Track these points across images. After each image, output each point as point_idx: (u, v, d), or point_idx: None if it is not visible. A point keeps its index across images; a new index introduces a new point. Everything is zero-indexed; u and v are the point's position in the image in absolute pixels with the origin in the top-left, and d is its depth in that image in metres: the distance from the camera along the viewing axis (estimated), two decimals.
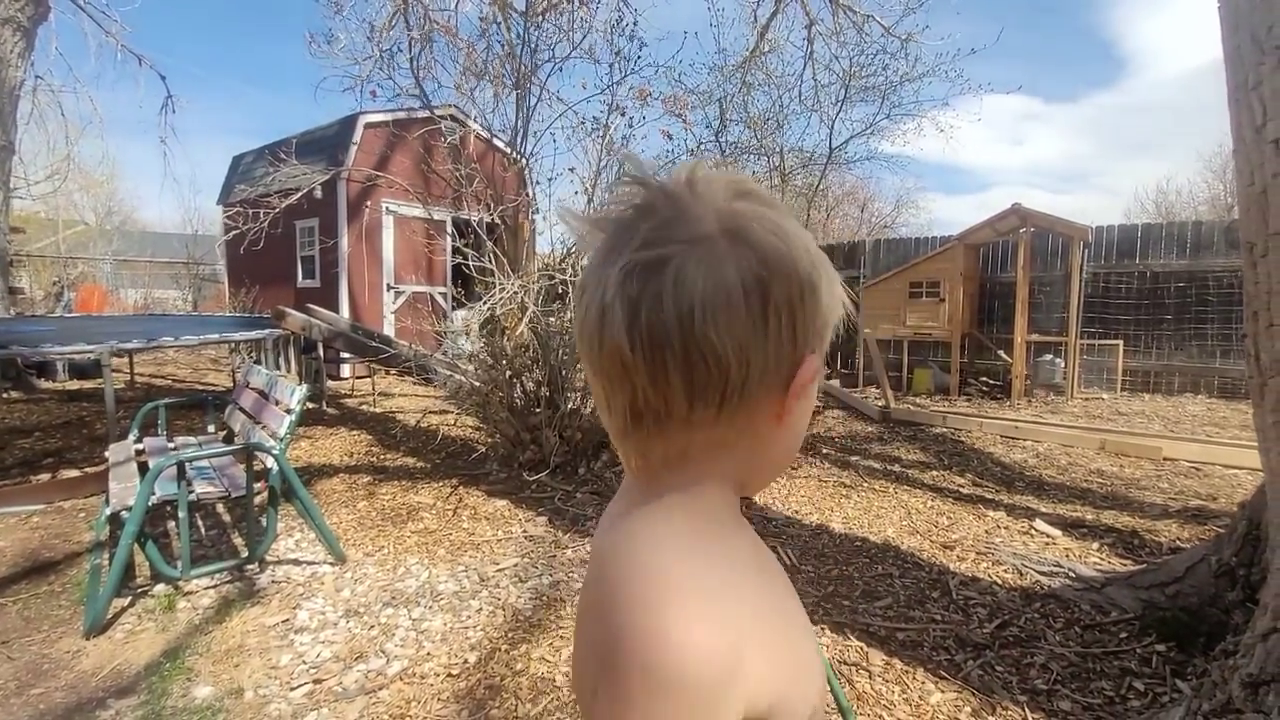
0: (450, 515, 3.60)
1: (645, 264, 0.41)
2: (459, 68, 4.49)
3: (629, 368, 0.42)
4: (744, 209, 0.43)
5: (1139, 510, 3.69)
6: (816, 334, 0.45)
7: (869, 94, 10.12)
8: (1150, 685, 2.01)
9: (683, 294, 0.40)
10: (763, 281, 0.41)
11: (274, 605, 2.62)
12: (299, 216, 7.87)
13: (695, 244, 0.41)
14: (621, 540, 0.45)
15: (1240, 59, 1.72)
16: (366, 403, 6.82)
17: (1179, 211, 21.99)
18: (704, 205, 0.43)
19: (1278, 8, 1.56)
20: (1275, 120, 1.60)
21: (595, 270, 0.44)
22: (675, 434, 0.45)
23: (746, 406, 0.44)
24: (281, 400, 3.12)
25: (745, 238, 0.42)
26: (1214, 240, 7.36)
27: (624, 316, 0.41)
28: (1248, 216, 1.77)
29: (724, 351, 0.41)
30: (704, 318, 0.40)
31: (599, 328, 0.43)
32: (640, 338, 0.41)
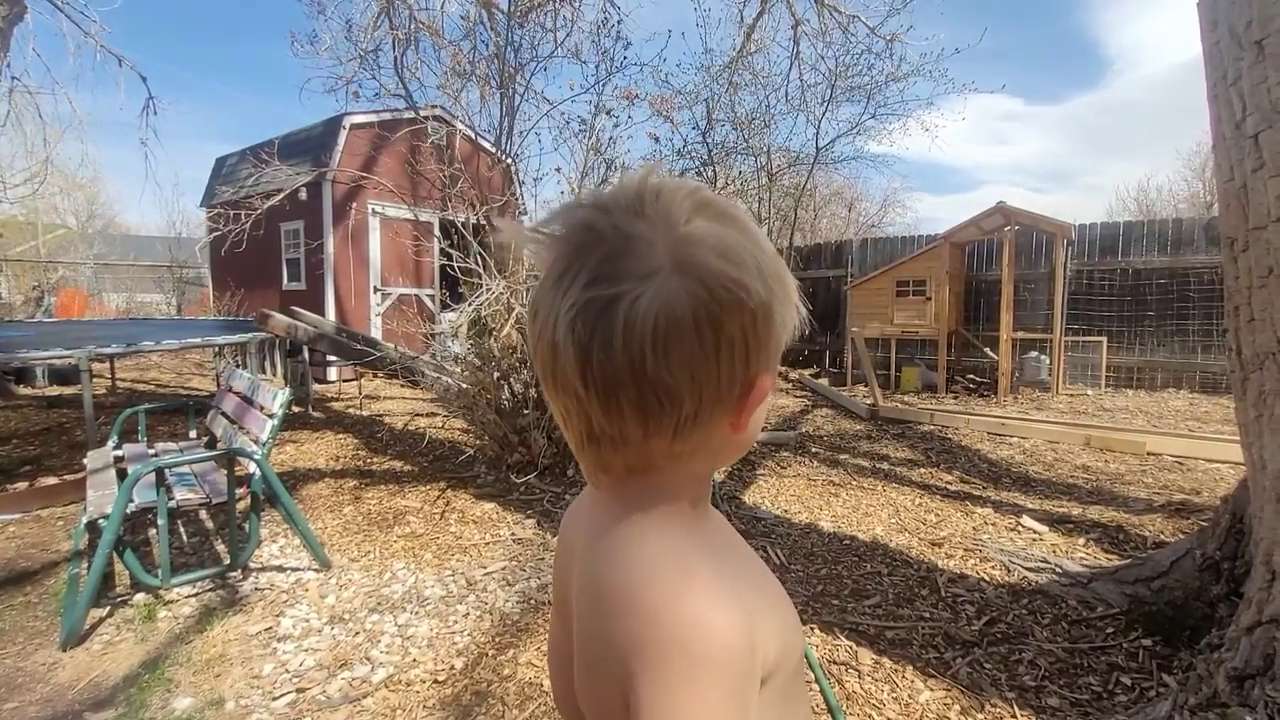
0: (438, 519, 3.56)
1: (594, 304, 0.40)
2: (444, 68, 4.46)
3: (583, 402, 0.43)
4: (697, 232, 0.42)
5: (1124, 505, 3.72)
6: (771, 353, 0.45)
7: (855, 94, 10.17)
8: (1137, 680, 2.02)
9: (633, 337, 0.40)
10: (714, 316, 0.41)
11: (257, 613, 2.58)
12: (283, 219, 7.80)
13: (644, 280, 0.40)
14: (616, 556, 0.45)
15: (1219, 55, 1.73)
16: (353, 406, 6.76)
17: (1159, 209, 22.29)
18: (654, 231, 0.41)
19: (1256, 3, 1.58)
20: (1254, 115, 1.61)
21: (545, 296, 0.43)
22: (633, 452, 0.45)
23: (700, 429, 0.44)
24: (264, 404, 3.07)
25: (695, 269, 0.41)
26: (1194, 237, 7.46)
27: (576, 359, 0.41)
28: (1228, 211, 1.78)
29: (676, 387, 0.41)
30: (655, 358, 0.40)
31: (552, 361, 0.43)
32: (593, 379, 0.41)
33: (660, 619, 0.40)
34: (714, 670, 0.39)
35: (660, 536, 0.45)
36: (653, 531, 0.45)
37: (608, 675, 0.42)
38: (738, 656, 0.40)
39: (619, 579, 0.43)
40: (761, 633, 0.43)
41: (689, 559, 0.43)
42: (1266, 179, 1.59)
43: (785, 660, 0.47)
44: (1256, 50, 1.58)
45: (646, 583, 0.42)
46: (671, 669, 0.38)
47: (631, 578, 0.43)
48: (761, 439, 5.30)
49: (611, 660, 0.42)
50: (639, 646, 0.40)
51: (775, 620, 0.47)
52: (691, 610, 0.40)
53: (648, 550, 0.44)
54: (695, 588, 0.41)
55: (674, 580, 0.41)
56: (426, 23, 4.85)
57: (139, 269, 18.10)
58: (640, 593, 0.41)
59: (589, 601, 0.46)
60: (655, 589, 0.41)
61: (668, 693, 0.38)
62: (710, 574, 0.42)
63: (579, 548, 0.52)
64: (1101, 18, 41.74)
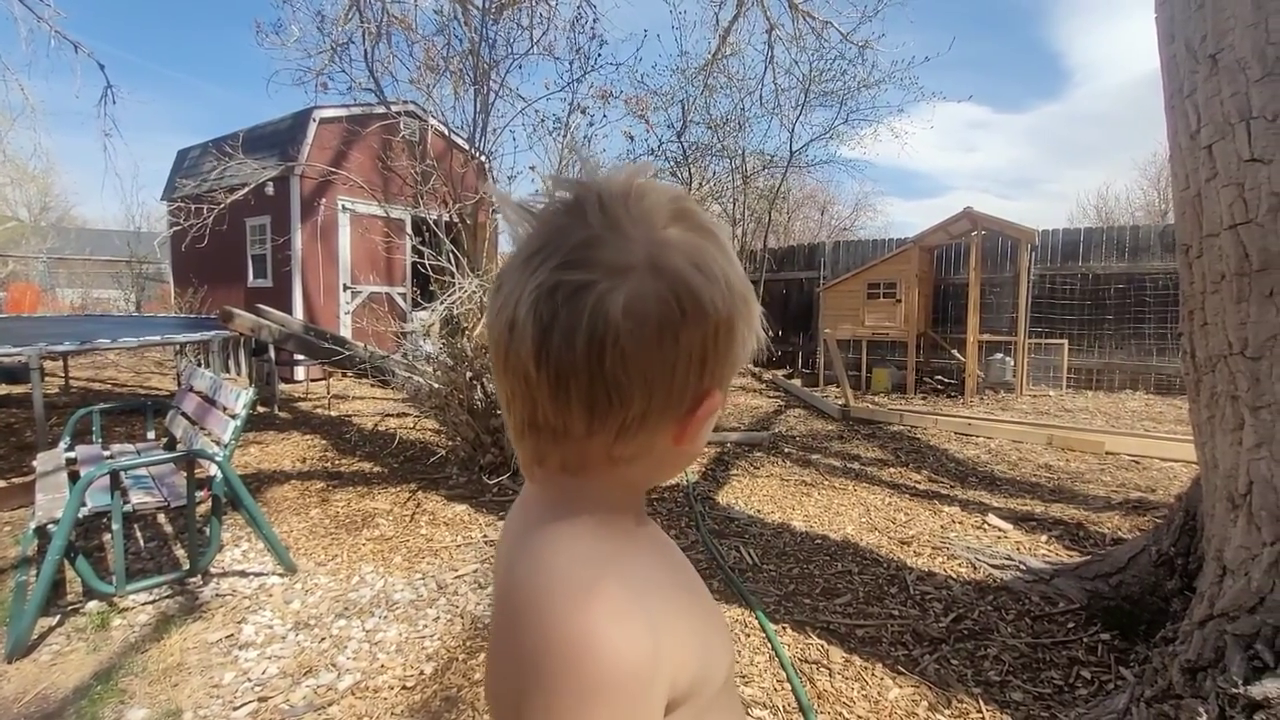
0: (408, 521, 3.50)
1: (561, 288, 0.40)
2: (417, 63, 4.39)
3: (531, 385, 0.42)
4: (674, 238, 0.42)
5: (1084, 503, 3.84)
6: (725, 373, 0.45)
7: (828, 99, 10.31)
8: (1096, 673, 2.08)
9: (595, 328, 0.39)
10: (679, 322, 0.41)
11: (217, 620, 2.50)
12: (249, 214, 7.59)
13: (617, 274, 0.40)
14: (529, 555, 0.45)
15: (1176, 67, 1.79)
16: (321, 406, 6.61)
17: (1118, 216, 23.07)
18: (634, 229, 0.41)
19: (1211, 18, 1.63)
20: (1208, 126, 1.66)
21: (513, 273, 0.42)
22: (571, 447, 0.45)
23: (644, 434, 0.44)
24: (226, 404, 2.98)
25: (667, 273, 0.41)
26: (1151, 244, 7.74)
27: (533, 339, 0.40)
28: (1183, 219, 1.84)
29: (628, 387, 0.41)
30: (613, 354, 0.40)
31: (507, 339, 0.42)
32: (547, 363, 0.40)
33: (553, 635, 0.39)
34: (605, 694, 0.37)
35: (577, 544, 0.44)
36: (571, 538, 0.45)
37: (505, 683, 0.42)
38: (634, 680, 0.38)
39: (527, 586, 0.43)
40: (671, 654, 0.42)
41: (601, 571, 0.42)
42: (1219, 188, 1.64)
43: (704, 683, 0.46)
44: (1210, 64, 1.64)
45: (550, 594, 0.41)
46: (559, 690, 0.37)
47: (538, 586, 0.42)
48: (735, 439, 5.33)
49: (508, 671, 0.41)
50: (531, 661, 0.39)
51: (694, 640, 0.46)
52: (587, 628, 0.38)
53: (560, 559, 0.43)
54: (598, 603, 0.40)
55: (579, 594, 0.40)
56: (399, 17, 4.77)
57: (95, 264, 17.48)
58: (542, 604, 0.40)
59: (499, 604, 0.46)
60: (557, 602, 0.40)
61: (551, 715, 0.37)
62: (619, 589, 0.41)
63: (508, 542, 0.52)
64: (1062, 30, 43.07)
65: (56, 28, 7.57)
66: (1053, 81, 43.61)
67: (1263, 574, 1.59)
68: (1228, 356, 1.68)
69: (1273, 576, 1.56)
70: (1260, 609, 1.57)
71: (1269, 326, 1.56)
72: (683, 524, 3.44)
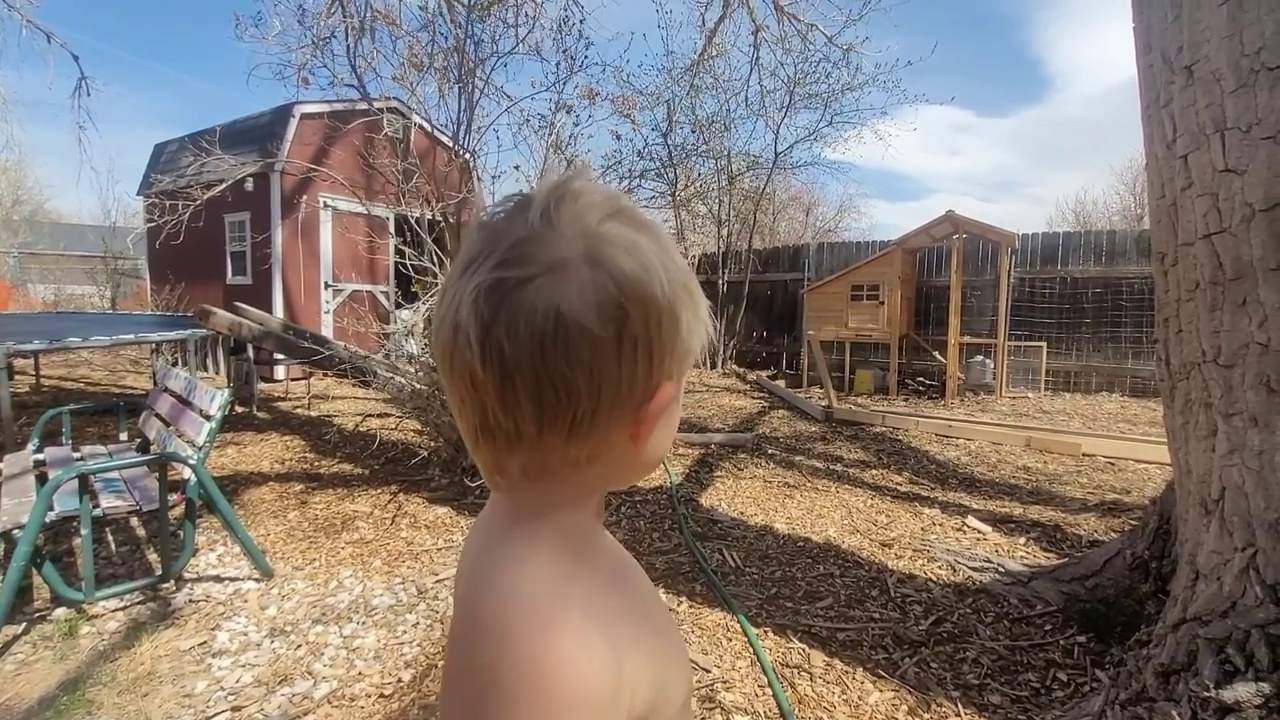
0: (388, 524, 3.46)
1: (501, 285, 0.40)
2: (401, 59, 4.33)
3: (479, 388, 0.42)
4: (610, 232, 0.42)
5: (1061, 504, 3.89)
6: (675, 362, 0.45)
7: (813, 101, 10.36)
8: (1073, 676, 2.10)
9: (535, 321, 0.39)
10: (620, 310, 0.41)
11: (190, 627, 2.45)
12: (228, 210, 7.46)
13: (554, 268, 0.40)
14: (491, 574, 0.44)
15: (1153, 77, 1.81)
16: (301, 406, 6.51)
17: (1095, 220, 23.48)
18: (570, 225, 0.41)
19: (1187, 29, 1.65)
20: (1184, 136, 1.69)
21: (454, 280, 0.43)
22: (528, 452, 0.44)
23: (597, 431, 0.43)
24: (201, 405, 2.92)
25: (605, 264, 0.41)
26: (1127, 248, 7.88)
27: (476, 338, 0.40)
28: (1159, 227, 1.87)
29: (574, 381, 0.41)
30: (556, 347, 0.40)
31: (451, 343, 0.42)
32: (491, 362, 0.40)
33: (520, 657, 0.39)
34: (569, 716, 0.38)
35: (536, 563, 0.44)
36: (533, 555, 0.45)
37: (461, 698, 0.41)
38: (595, 704, 0.39)
39: (490, 603, 0.42)
40: (632, 676, 0.43)
41: (565, 592, 0.43)
42: (1194, 198, 1.67)
43: (662, 704, 0.47)
44: (1187, 75, 1.66)
45: (516, 614, 0.41)
46: (524, 710, 0.38)
47: (502, 605, 0.42)
48: (719, 440, 5.34)
49: (466, 686, 0.41)
50: (494, 680, 0.39)
51: (654, 662, 0.46)
52: (554, 651, 0.39)
53: (525, 577, 0.43)
54: (564, 627, 0.40)
55: (543, 617, 0.41)
56: (383, 12, 4.71)
57: (69, 259, 17.10)
58: (507, 624, 0.41)
59: (459, 621, 0.45)
60: (523, 623, 0.40)
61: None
62: (583, 612, 0.42)
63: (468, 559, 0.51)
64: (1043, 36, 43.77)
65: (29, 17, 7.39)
66: (1034, 86, 44.32)
67: (1234, 579, 1.61)
68: (1201, 364, 1.71)
69: (1244, 581, 1.59)
70: (1232, 613, 1.60)
71: (1241, 335, 1.59)
72: (666, 526, 3.44)
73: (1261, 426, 1.55)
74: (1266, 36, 1.48)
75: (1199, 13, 1.61)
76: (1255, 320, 1.55)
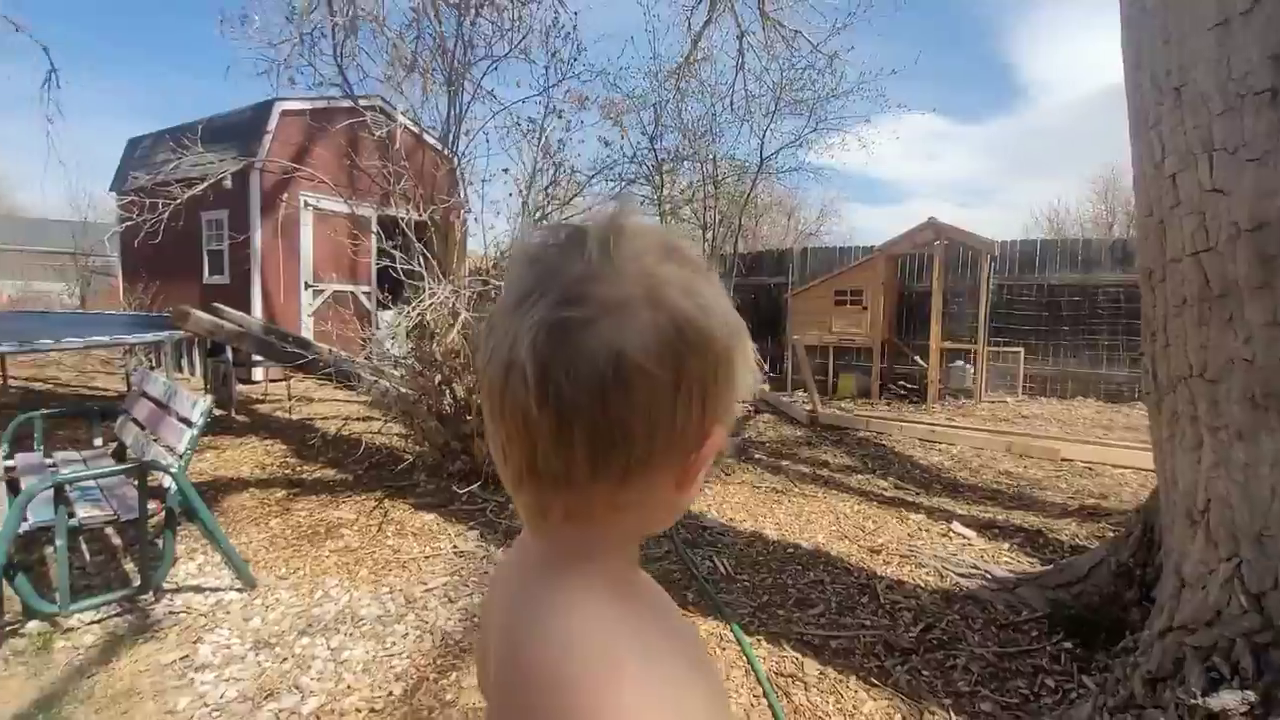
0: (374, 531, 3.40)
1: (561, 324, 0.39)
2: (387, 59, 4.28)
3: (532, 428, 0.41)
4: (669, 273, 0.41)
5: (1042, 509, 3.96)
6: (726, 409, 0.45)
7: (798, 107, 10.44)
8: (1060, 682, 2.14)
9: (597, 363, 0.38)
10: (679, 355, 0.40)
11: (171, 640, 2.38)
12: (205, 208, 7.30)
13: (615, 309, 0.39)
14: (542, 625, 0.43)
15: (1141, 97, 1.85)
16: (281, 409, 6.39)
17: (1068, 228, 23.95)
18: (628, 264, 0.41)
19: (1176, 52, 1.69)
20: (1173, 156, 1.73)
21: (506, 314, 0.42)
22: (574, 494, 0.43)
23: (648, 475, 0.43)
24: (182, 412, 2.85)
25: (666, 306, 0.40)
26: (1102, 257, 8.07)
27: (533, 377, 0.39)
28: (1146, 244, 1.91)
29: (632, 425, 0.40)
30: (616, 390, 0.39)
31: (504, 380, 0.41)
32: (548, 402, 0.39)
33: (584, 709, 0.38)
34: None
35: (589, 609, 0.43)
36: (582, 601, 0.44)
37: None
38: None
39: (543, 656, 0.41)
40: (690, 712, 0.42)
41: (619, 638, 0.42)
42: (1182, 216, 1.71)
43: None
44: (1175, 96, 1.70)
45: (573, 665, 0.40)
46: None
47: (556, 658, 0.41)
48: None
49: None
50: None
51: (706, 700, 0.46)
52: (618, 701, 0.38)
53: (574, 626, 0.42)
54: (625, 676, 0.39)
55: (603, 666, 0.40)
56: (369, 11, 4.64)
57: (34, 255, 16.60)
58: (565, 676, 0.39)
59: (508, 669, 0.44)
60: (583, 674, 0.39)
61: None
62: (640, 658, 0.41)
63: (504, 599, 0.50)
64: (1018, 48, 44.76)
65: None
66: (1009, 96, 45.23)
67: (1219, 588, 1.65)
68: (1188, 378, 1.75)
69: (1229, 591, 1.63)
70: (1217, 622, 1.64)
71: (1227, 351, 1.63)
72: (657, 533, 3.43)
73: (1247, 440, 1.59)
74: (1253, 62, 1.52)
75: (1188, 37, 1.65)
76: (1241, 336, 1.59)
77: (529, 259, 0.43)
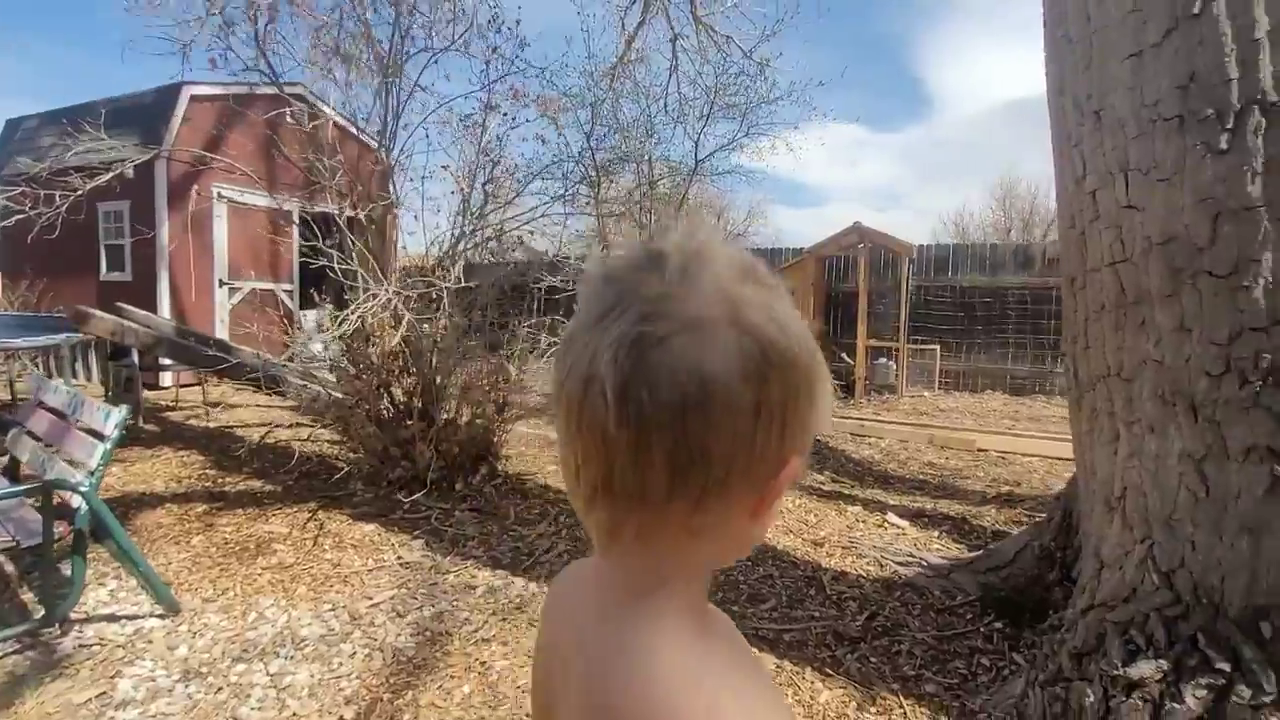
0: (310, 545, 3.23)
1: (643, 340, 0.39)
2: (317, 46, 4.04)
3: (610, 446, 0.40)
4: (750, 294, 0.42)
5: (965, 498, 4.24)
6: (805, 436, 0.45)
7: (731, 111, 10.67)
8: (994, 660, 2.30)
9: (679, 380, 0.38)
10: (764, 376, 0.40)
11: (84, 676, 2.17)
12: (103, 198, 6.65)
13: (698, 327, 0.39)
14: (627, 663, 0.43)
15: (1064, 117, 2.01)
16: (196, 416, 5.95)
17: (972, 233, 25.62)
18: (710, 283, 0.41)
19: (1096, 78, 1.85)
20: (1093, 175, 1.89)
21: (585, 330, 0.41)
22: (649, 514, 0.43)
23: (724, 501, 0.42)
24: (92, 424, 2.60)
25: (748, 327, 0.40)
26: (1006, 260, 8.73)
27: (614, 393, 0.39)
28: (1068, 254, 2.08)
29: (711, 446, 0.40)
30: (697, 408, 0.39)
31: (582, 397, 0.40)
32: (628, 419, 0.39)
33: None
34: None
35: (676, 649, 0.43)
36: (668, 641, 0.43)
37: None
38: None
39: (633, 699, 0.41)
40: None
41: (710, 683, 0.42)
42: (1101, 229, 1.87)
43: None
44: (1095, 119, 1.86)
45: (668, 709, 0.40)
46: None
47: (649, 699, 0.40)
48: None
49: None
50: None
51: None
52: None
53: (662, 665, 0.42)
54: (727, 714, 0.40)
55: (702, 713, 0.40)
56: None
57: None
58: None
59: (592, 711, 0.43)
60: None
61: None
62: (734, 700, 0.41)
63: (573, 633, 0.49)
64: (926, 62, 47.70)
65: None
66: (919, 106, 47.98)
67: (1135, 568, 1.82)
68: (1106, 377, 1.92)
69: (1143, 570, 1.80)
70: (1134, 599, 1.80)
71: (1140, 353, 1.79)
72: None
73: (1158, 434, 1.76)
74: (1163, 91, 1.68)
75: (1106, 64, 1.81)
76: (1152, 340, 1.76)
77: (607, 278, 0.42)
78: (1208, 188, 1.61)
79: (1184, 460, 1.70)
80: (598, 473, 0.41)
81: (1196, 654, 1.64)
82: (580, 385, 0.40)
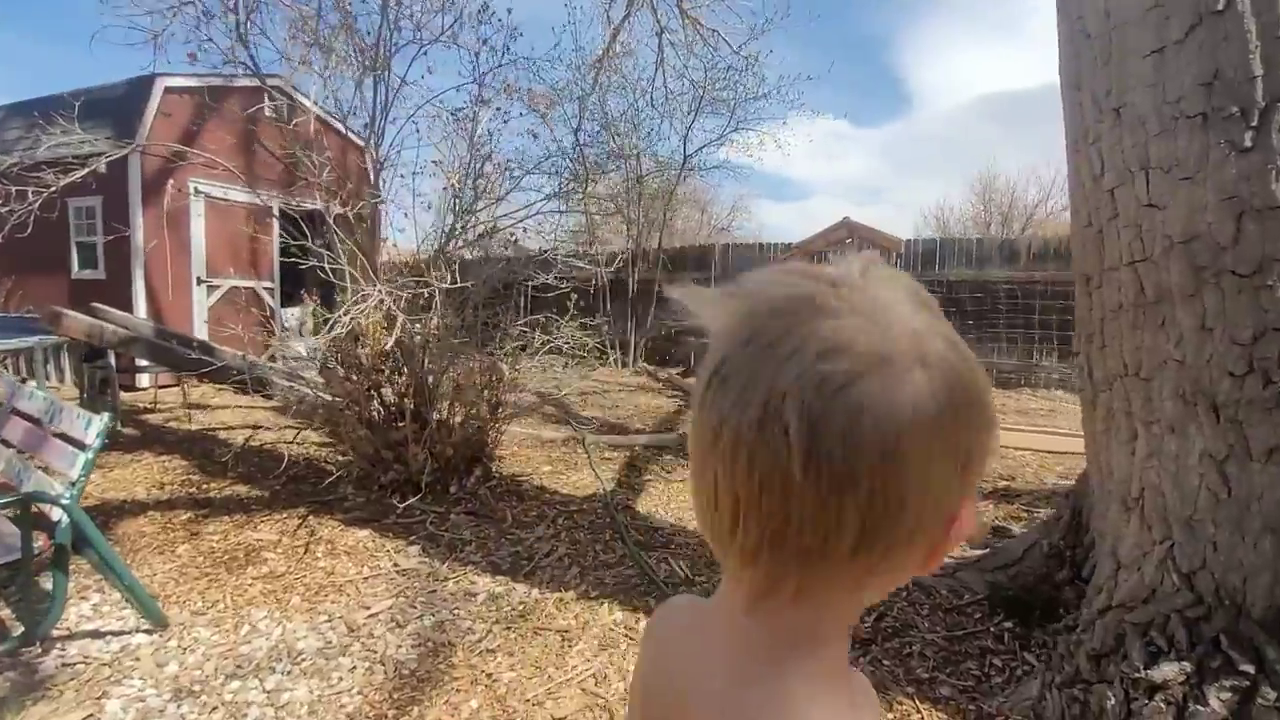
0: (302, 553, 3.13)
1: (832, 380, 0.34)
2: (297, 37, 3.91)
3: (790, 494, 0.35)
4: (926, 324, 0.37)
5: None
6: (979, 474, 0.41)
7: (719, 106, 10.63)
8: (1006, 661, 2.29)
9: (874, 428, 0.34)
10: (958, 419, 0.36)
11: (69, 698, 2.07)
12: (75, 194, 6.42)
13: (884, 364, 0.35)
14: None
15: (1081, 114, 1.99)
16: (176, 419, 5.77)
17: (953, 227, 25.89)
18: (886, 314, 0.36)
19: (1115, 74, 1.82)
20: (1111, 172, 1.86)
21: (750, 361, 0.36)
22: (821, 571, 0.38)
23: (909, 550, 0.38)
24: (71, 432, 2.48)
25: (940, 367, 0.36)
26: (993, 255, 8.81)
27: (801, 440, 0.34)
28: (1084, 252, 2.05)
29: (907, 495, 0.35)
30: (896, 457, 0.34)
31: (755, 437, 0.35)
32: (818, 468, 0.34)
33: None
34: None
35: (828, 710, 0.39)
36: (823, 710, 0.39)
37: None
38: None
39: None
40: None
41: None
42: (1120, 228, 1.85)
43: None
44: (1114, 115, 1.83)
45: None
46: None
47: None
48: (643, 442, 5.34)
49: None
50: None
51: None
52: None
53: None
54: None
55: None
56: None
57: None
58: None
59: None
60: None
61: None
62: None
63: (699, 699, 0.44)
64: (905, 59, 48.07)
65: None
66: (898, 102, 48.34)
67: (1154, 569, 1.81)
68: (1123, 376, 1.90)
69: (1163, 571, 1.78)
70: (1153, 600, 1.79)
71: (1160, 353, 1.77)
72: (607, 537, 3.37)
73: (1178, 434, 1.74)
74: (1186, 88, 1.65)
75: (1126, 60, 1.78)
76: (1173, 339, 1.74)
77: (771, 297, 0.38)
78: (1231, 186, 1.59)
79: (1205, 460, 1.68)
80: (768, 524, 0.37)
81: (1219, 656, 1.62)
82: (754, 426, 0.35)
